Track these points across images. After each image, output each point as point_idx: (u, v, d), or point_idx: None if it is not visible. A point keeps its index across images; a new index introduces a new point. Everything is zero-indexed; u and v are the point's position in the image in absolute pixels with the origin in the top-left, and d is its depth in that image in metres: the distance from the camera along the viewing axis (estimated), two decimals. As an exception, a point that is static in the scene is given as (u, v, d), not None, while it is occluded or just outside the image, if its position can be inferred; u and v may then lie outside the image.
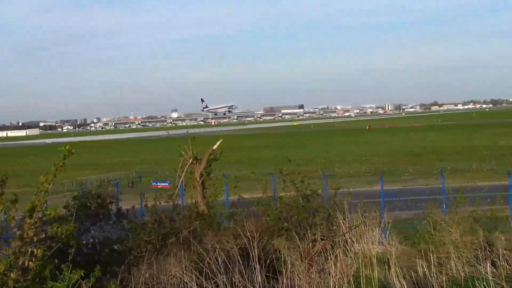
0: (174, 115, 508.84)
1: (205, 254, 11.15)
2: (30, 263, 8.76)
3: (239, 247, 11.79)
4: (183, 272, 10.60)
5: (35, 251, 8.84)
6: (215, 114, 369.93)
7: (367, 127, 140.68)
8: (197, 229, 13.53)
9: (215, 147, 16.28)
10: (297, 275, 10.48)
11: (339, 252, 12.09)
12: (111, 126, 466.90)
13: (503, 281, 10.13)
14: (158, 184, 31.66)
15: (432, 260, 10.55)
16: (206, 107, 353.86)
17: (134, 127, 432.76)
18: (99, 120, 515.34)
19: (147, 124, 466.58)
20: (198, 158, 16.06)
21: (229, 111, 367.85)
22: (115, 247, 13.25)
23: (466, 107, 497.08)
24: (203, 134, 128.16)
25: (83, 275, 9.01)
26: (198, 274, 10.49)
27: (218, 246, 11.41)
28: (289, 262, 10.87)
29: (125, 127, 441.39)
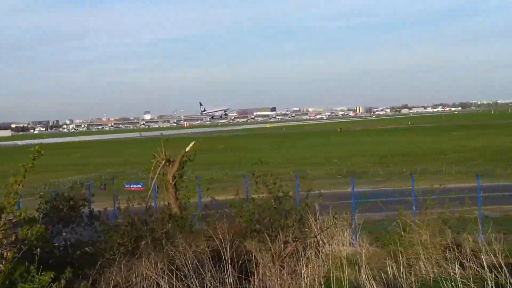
0: (147, 117, 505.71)
1: (177, 256, 11.15)
2: (0, 265, 8.67)
3: (211, 249, 11.83)
4: (156, 274, 10.59)
5: (5, 253, 8.76)
6: (212, 118, 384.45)
7: (339, 130, 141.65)
8: (169, 231, 13.51)
9: (187, 149, 16.27)
10: (269, 276, 10.56)
11: (310, 254, 12.21)
12: (84, 127, 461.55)
13: (471, 282, 10.33)
14: (131, 186, 31.41)
15: (401, 261, 10.72)
16: (204, 110, 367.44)
17: (107, 129, 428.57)
18: (71, 121, 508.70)
19: (120, 126, 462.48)
20: (171, 160, 16.03)
21: (225, 114, 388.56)
22: (87, 249, 13.17)
23: (435, 110, 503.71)
24: (176, 136, 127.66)
25: (53, 277, 8.94)
26: (170, 276, 10.49)
27: (190, 248, 11.43)
28: (261, 264, 10.94)
29: (98, 128, 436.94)
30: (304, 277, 10.60)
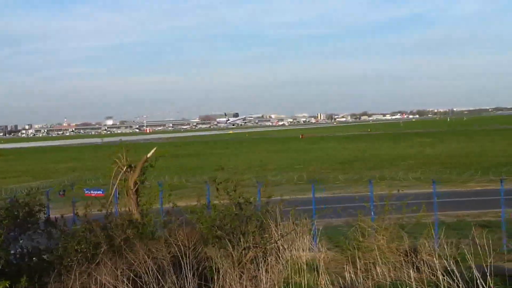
0: (109, 122, 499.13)
1: (137, 263, 11.11)
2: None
3: (172, 255, 11.82)
4: (115, 281, 10.53)
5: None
6: (233, 125, 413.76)
7: (300, 136, 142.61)
8: (129, 238, 13.43)
9: (149, 155, 16.20)
10: (229, 282, 10.62)
11: (271, 260, 12.33)
12: (43, 133, 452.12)
13: (425, 286, 10.58)
14: (92, 192, 30.93)
15: (359, 266, 10.92)
16: (228, 120, 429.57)
17: (67, 134, 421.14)
18: (31, 126, 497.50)
19: (81, 131, 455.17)
20: (132, 166, 15.94)
21: (244, 122, 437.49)
22: (45, 256, 12.98)
23: (394, 117, 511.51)
24: (138, 141, 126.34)
25: (9, 286, 8.81)
26: (130, 283, 10.45)
27: (150, 255, 11.40)
28: (221, 270, 10.99)
29: (58, 134, 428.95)
30: (263, 282, 10.70)
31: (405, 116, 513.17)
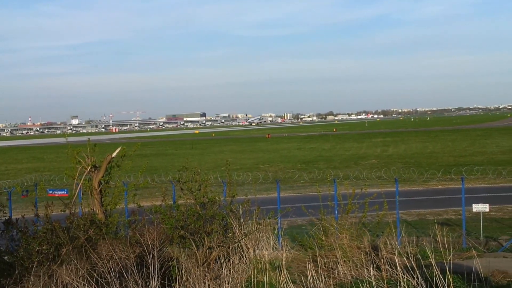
0: (75, 121, 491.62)
1: (100, 263, 11.06)
2: None
3: (135, 255, 11.80)
4: (77, 281, 10.47)
5: None
6: (250, 124, 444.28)
7: (267, 136, 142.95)
8: (92, 238, 13.35)
9: (114, 154, 16.10)
10: (192, 282, 10.67)
11: (234, 259, 12.41)
12: (7, 132, 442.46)
13: (385, 284, 10.79)
14: (55, 192, 30.50)
15: (320, 264, 11.08)
16: (248, 119, 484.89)
17: (32, 133, 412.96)
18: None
19: (45, 130, 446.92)
20: (97, 166, 15.83)
21: (260, 121, 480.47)
22: (5, 258, 12.81)
23: (359, 117, 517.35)
24: (103, 141, 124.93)
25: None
26: (93, 284, 10.40)
27: (114, 255, 11.36)
28: (184, 270, 11.03)
29: (22, 133, 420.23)
30: (225, 282, 10.77)
31: (370, 116, 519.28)
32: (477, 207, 21.96)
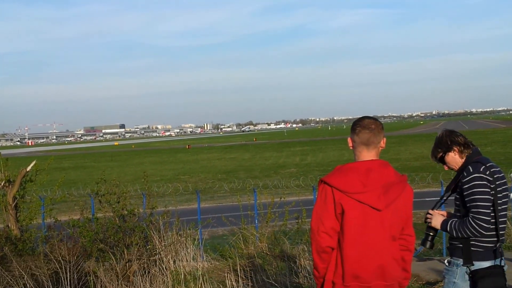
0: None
1: (12, 281, 10.78)
2: None
3: (52, 271, 11.58)
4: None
5: None
6: (243, 132, 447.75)
7: (187, 146, 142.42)
8: (6, 255, 12.96)
9: (28, 168, 15.71)
10: (111, 295, 10.61)
11: (155, 271, 12.41)
12: None
13: (303, 291, 11.13)
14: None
15: (240, 273, 11.29)
16: (244, 130, 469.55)
17: None
18: None
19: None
20: (11, 180, 15.38)
21: (249, 130, 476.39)
22: None
23: (278, 126, 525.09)
24: (19, 155, 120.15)
25: None
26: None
27: (28, 272, 11.11)
28: (102, 284, 10.94)
29: None
30: (145, 294, 10.78)
31: (289, 125, 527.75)
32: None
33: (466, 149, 6.20)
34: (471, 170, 5.93)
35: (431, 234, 6.39)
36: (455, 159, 6.26)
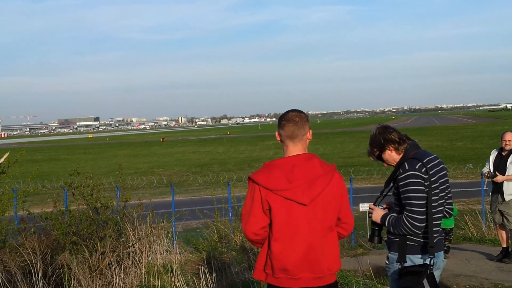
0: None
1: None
2: None
3: (25, 264, 11.52)
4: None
5: None
6: (237, 124, 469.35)
7: (161, 140, 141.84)
8: (-23, 248, 12.86)
9: (1, 160, 15.53)
10: (84, 288, 10.61)
11: (128, 264, 12.43)
12: None
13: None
14: None
15: (214, 267, 11.38)
16: (238, 123, 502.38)
17: None
18: None
19: None
20: (-18, 172, 15.19)
21: (242, 122, 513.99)
22: None
23: (252, 120, 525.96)
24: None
25: None
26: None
27: (0, 264, 11.05)
28: (75, 277, 10.93)
29: None
30: (118, 287, 10.80)
31: (263, 119, 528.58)
32: (364, 206, 23.04)
33: (402, 145, 6.15)
34: (407, 168, 5.87)
35: (376, 228, 6.39)
36: (392, 156, 6.24)
